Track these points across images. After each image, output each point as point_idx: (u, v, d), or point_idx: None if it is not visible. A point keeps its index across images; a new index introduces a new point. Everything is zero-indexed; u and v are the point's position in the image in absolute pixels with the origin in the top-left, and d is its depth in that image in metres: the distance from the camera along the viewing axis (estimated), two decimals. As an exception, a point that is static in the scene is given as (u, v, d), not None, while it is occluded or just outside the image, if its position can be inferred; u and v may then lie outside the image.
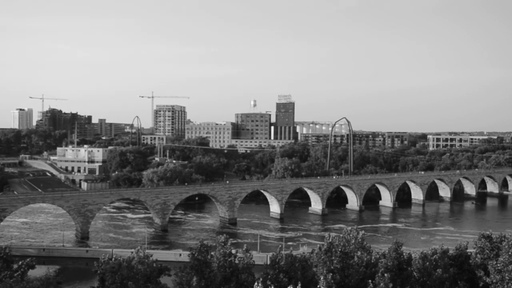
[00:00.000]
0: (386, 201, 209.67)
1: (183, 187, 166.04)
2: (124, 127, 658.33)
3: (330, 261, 53.72)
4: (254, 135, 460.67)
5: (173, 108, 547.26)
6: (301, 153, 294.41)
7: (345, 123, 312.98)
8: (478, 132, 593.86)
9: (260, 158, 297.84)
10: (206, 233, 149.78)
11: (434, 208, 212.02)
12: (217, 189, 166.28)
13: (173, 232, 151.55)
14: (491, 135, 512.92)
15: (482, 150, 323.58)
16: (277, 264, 52.39)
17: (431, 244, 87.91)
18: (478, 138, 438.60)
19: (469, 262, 58.82)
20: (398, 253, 56.60)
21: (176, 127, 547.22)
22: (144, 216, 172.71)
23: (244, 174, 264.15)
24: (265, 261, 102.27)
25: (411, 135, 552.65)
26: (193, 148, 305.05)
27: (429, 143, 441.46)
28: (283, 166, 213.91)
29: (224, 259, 50.35)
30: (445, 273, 54.39)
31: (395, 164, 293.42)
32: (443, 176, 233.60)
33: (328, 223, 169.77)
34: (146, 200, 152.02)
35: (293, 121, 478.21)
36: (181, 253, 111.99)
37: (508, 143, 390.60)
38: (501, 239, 59.67)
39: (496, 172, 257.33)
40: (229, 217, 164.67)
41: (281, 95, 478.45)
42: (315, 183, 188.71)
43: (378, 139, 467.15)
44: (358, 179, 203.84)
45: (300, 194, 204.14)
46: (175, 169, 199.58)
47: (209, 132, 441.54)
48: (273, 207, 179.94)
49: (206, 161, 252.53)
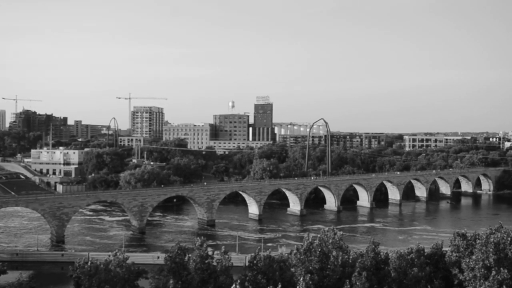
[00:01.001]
0: (363, 201, 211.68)
1: (161, 189, 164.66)
2: (100, 129, 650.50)
3: (309, 261, 53.88)
4: (232, 136, 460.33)
5: (151, 110, 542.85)
6: (280, 154, 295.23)
7: (323, 124, 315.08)
8: (453, 133, 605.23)
9: (238, 160, 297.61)
10: (185, 235, 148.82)
11: (410, 207, 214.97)
12: (195, 191, 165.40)
13: (151, 234, 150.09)
14: (465, 135, 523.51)
15: (457, 150, 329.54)
16: (256, 266, 52.28)
17: (408, 244, 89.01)
18: (452, 138, 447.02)
19: (444, 260, 59.72)
20: (375, 253, 57.14)
21: (154, 128, 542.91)
22: (122, 219, 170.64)
23: (222, 176, 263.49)
24: (244, 263, 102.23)
25: (388, 135, 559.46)
26: (171, 149, 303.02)
27: (405, 143, 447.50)
28: (262, 167, 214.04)
29: (201, 262, 50.00)
30: (421, 272, 55.10)
31: (372, 164, 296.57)
32: (419, 176, 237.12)
33: (307, 224, 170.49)
34: (123, 203, 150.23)
35: (271, 122, 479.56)
36: (159, 255, 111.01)
37: (481, 143, 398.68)
38: (475, 237, 60.77)
39: (470, 172, 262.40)
40: (208, 219, 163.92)
41: (259, 96, 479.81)
42: (293, 184, 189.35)
43: (355, 140, 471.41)
44: (336, 180, 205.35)
45: (279, 195, 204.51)
46: (152, 171, 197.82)
47: (187, 134, 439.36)
48: (252, 208, 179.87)
49: (184, 162, 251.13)
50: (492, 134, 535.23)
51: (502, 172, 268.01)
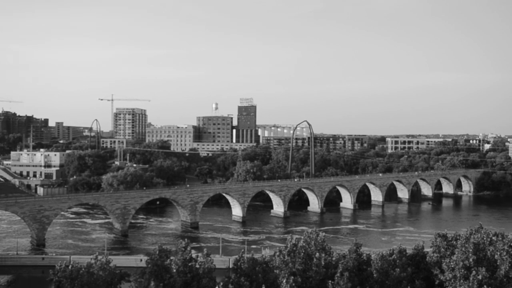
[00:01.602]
0: (346, 203, 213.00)
1: (143, 191, 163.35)
2: (82, 131, 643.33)
3: (292, 263, 53.98)
4: (216, 138, 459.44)
5: (134, 111, 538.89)
6: (263, 156, 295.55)
7: (306, 126, 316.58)
8: (434, 135, 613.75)
9: (222, 161, 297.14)
10: (168, 237, 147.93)
11: (393, 209, 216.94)
12: (179, 193, 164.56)
13: (134, 237, 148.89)
14: (446, 137, 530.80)
15: (438, 152, 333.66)
16: (239, 268, 52.20)
17: (391, 245, 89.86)
18: (434, 140, 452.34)
19: (426, 261, 60.37)
20: (358, 254, 57.50)
21: (137, 130, 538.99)
22: (104, 221, 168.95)
23: (206, 178, 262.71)
24: (227, 265, 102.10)
25: (371, 138, 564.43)
26: (154, 151, 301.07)
27: (387, 145, 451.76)
28: (245, 169, 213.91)
29: (184, 264, 49.72)
30: (403, 272, 55.61)
31: (355, 166, 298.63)
32: (401, 178, 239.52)
33: (290, 226, 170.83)
34: (105, 205, 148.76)
35: (255, 124, 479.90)
36: (141, 258, 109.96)
37: (461, 145, 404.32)
38: (456, 238, 61.57)
39: (451, 174, 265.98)
40: (191, 221, 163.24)
41: (243, 98, 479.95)
42: (277, 186, 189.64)
43: (338, 142, 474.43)
44: (319, 182, 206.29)
45: (262, 197, 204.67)
46: (135, 173, 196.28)
47: (170, 136, 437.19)
48: (235, 211, 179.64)
49: (167, 164, 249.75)
50: (472, 137, 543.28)
51: (482, 173, 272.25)
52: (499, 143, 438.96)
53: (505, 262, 52.30)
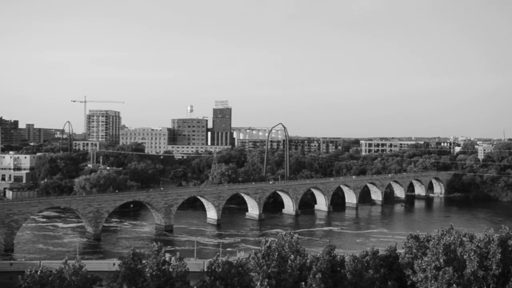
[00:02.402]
0: (321, 205, 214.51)
1: (117, 194, 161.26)
2: (54, 133, 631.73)
3: (267, 265, 53.97)
4: (191, 141, 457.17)
5: (107, 113, 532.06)
6: (238, 159, 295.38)
7: (282, 129, 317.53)
8: (407, 138, 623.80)
9: (197, 164, 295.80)
10: (142, 241, 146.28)
11: (367, 211, 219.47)
12: (153, 196, 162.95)
13: (107, 241, 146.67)
14: (418, 140, 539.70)
15: (411, 155, 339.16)
16: (214, 271, 51.93)
17: (366, 246, 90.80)
18: (406, 143, 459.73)
19: (398, 262, 61.20)
20: (332, 256, 57.84)
21: (110, 132, 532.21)
22: (77, 225, 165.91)
23: (180, 180, 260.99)
24: (202, 268, 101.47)
25: (345, 140, 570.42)
26: (128, 154, 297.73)
27: (361, 148, 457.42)
28: (220, 172, 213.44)
29: (157, 268, 49.18)
30: (376, 274, 56.22)
31: (330, 169, 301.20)
32: (375, 180, 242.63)
33: (265, 228, 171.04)
34: (77, 209, 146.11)
35: (230, 127, 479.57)
36: (114, 262, 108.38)
37: (433, 148, 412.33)
38: (427, 238, 62.64)
39: (423, 176, 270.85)
40: (165, 224, 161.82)
41: (218, 101, 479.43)
42: (252, 189, 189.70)
43: (313, 145, 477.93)
44: (294, 184, 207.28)
45: (237, 200, 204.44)
46: (109, 175, 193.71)
47: (145, 138, 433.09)
48: (210, 213, 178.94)
49: (141, 167, 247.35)
50: (443, 139, 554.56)
51: (453, 175, 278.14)
52: (469, 146, 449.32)
53: (473, 261, 53.52)
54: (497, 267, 54.04)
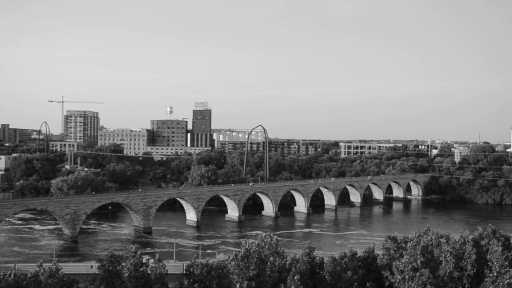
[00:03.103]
0: (300, 207, 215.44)
1: (95, 196, 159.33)
2: (30, 133, 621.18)
3: (246, 268, 53.93)
4: (170, 142, 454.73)
5: (85, 114, 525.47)
6: (218, 160, 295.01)
7: (261, 131, 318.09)
8: (385, 140, 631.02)
9: (176, 166, 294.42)
10: (120, 243, 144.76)
11: (346, 212, 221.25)
12: (132, 198, 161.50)
13: (84, 243, 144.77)
14: (396, 143, 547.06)
15: (389, 157, 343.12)
16: (192, 274, 51.68)
17: (345, 248, 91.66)
18: (385, 146, 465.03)
19: (376, 263, 61.86)
20: (311, 257, 58.14)
21: (88, 133, 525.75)
22: (54, 227, 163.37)
23: (160, 182, 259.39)
24: (181, 270, 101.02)
25: (324, 142, 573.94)
26: (106, 155, 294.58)
27: (341, 150, 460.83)
28: (200, 174, 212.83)
29: (135, 270, 48.77)
30: (355, 275, 56.71)
31: (309, 170, 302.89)
32: (354, 182, 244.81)
33: (245, 230, 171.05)
34: (54, 210, 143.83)
35: (209, 128, 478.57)
36: (92, 265, 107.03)
37: (411, 150, 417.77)
38: (405, 240, 63.50)
39: (401, 178, 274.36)
40: (144, 226, 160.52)
41: (198, 102, 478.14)
42: (231, 190, 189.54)
43: (293, 147, 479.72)
44: (274, 186, 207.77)
45: (217, 202, 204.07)
46: (87, 177, 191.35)
47: (124, 139, 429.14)
48: (190, 215, 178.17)
49: (120, 168, 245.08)
50: (421, 142, 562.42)
51: (430, 178, 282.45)
52: (446, 148, 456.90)
53: (449, 262, 54.49)
54: (472, 267, 55.11)
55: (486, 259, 56.24)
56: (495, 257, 54.43)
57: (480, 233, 62.46)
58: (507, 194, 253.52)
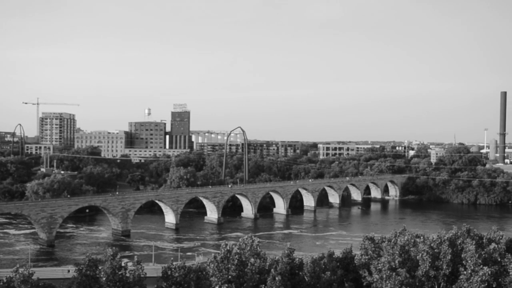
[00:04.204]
0: (280, 208, 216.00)
1: (72, 199, 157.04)
2: (4, 136, 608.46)
3: (226, 269, 53.89)
4: (149, 144, 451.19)
5: (61, 116, 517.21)
6: (197, 162, 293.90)
7: (240, 133, 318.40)
8: (363, 142, 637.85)
9: (155, 168, 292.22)
10: (98, 246, 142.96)
11: (324, 213, 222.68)
12: (110, 201, 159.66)
13: (61, 247, 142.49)
14: (374, 144, 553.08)
15: (367, 158, 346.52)
16: (170, 276, 51.43)
17: (325, 249, 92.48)
18: (363, 147, 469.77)
19: (354, 263, 62.54)
20: (291, 259, 58.44)
21: (65, 136, 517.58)
22: (30, 232, 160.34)
23: (138, 184, 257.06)
24: (160, 273, 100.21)
25: (303, 144, 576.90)
26: (83, 158, 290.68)
27: (319, 151, 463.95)
28: (179, 176, 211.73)
29: (113, 273, 48.30)
30: (334, 275, 57.21)
31: (288, 172, 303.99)
32: (333, 183, 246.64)
33: (225, 232, 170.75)
34: (30, 214, 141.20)
35: (188, 130, 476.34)
36: (69, 269, 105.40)
37: (388, 152, 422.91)
38: (382, 240, 64.37)
39: (379, 179, 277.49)
40: (123, 229, 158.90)
41: (177, 104, 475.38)
42: (210, 192, 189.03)
43: (272, 148, 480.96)
44: (253, 188, 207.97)
45: (196, 204, 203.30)
46: (63, 180, 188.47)
47: (101, 141, 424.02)
48: (169, 218, 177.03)
49: (97, 171, 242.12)
50: (398, 143, 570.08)
51: (407, 178, 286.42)
52: (423, 149, 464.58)
53: (425, 262, 55.48)
54: (447, 266, 56.19)
55: (461, 257, 57.43)
56: (469, 256, 55.66)
57: (456, 232, 63.75)
58: (481, 194, 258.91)
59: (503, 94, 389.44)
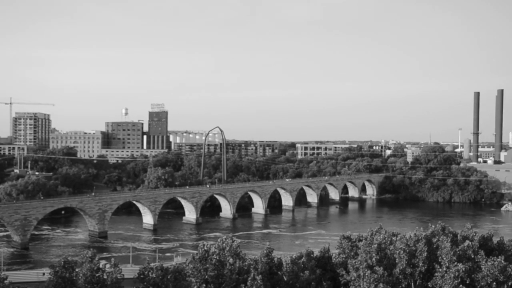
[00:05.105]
0: (258, 208, 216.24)
1: (47, 200, 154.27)
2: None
3: (204, 270, 53.66)
4: (126, 145, 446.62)
5: (36, 116, 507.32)
6: (175, 163, 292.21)
7: (219, 133, 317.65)
8: (341, 141, 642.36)
9: (132, 168, 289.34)
10: (74, 248, 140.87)
11: (303, 213, 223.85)
12: (86, 202, 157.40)
13: (36, 250, 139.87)
14: (352, 143, 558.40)
15: (345, 158, 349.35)
16: (147, 277, 50.96)
17: (304, 248, 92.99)
18: (341, 146, 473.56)
19: (332, 262, 62.97)
20: (270, 258, 58.53)
21: (39, 136, 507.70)
22: (4, 234, 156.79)
23: (115, 185, 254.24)
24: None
25: (282, 144, 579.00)
26: (58, 158, 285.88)
27: (297, 151, 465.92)
28: (156, 176, 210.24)
29: (91, 275, 47.62)
30: (312, 275, 57.47)
31: (267, 172, 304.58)
32: (311, 183, 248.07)
33: (203, 232, 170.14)
34: (2, 216, 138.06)
35: (166, 130, 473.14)
36: (44, 272, 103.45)
37: (366, 151, 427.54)
38: (359, 239, 65.02)
39: (356, 178, 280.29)
40: (100, 231, 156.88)
41: (154, 104, 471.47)
42: (188, 193, 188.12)
43: (250, 148, 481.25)
44: (232, 188, 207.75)
45: (174, 204, 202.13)
46: (38, 181, 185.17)
47: (77, 142, 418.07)
48: (146, 218, 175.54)
49: (73, 172, 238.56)
50: (375, 143, 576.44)
51: (384, 178, 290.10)
52: (399, 149, 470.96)
53: (402, 259, 56.28)
54: (423, 264, 57.08)
55: (436, 255, 58.39)
56: (444, 253, 56.67)
57: (433, 230, 64.80)
58: (456, 193, 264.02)
59: (476, 94, 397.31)
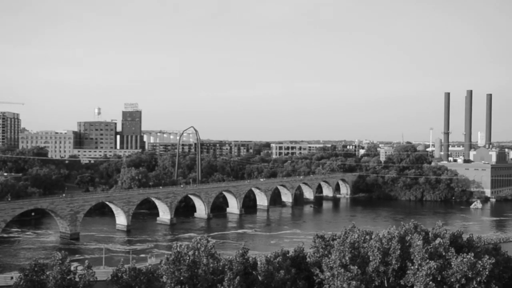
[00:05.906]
0: (233, 208, 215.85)
1: (16, 202, 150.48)
2: None
3: (178, 271, 53.22)
4: (99, 145, 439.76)
5: (4, 115, 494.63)
6: (149, 163, 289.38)
7: (193, 132, 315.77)
8: (315, 141, 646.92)
9: (105, 169, 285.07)
10: (45, 251, 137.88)
11: (278, 212, 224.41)
12: (57, 203, 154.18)
13: (5, 253, 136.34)
14: (326, 143, 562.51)
15: (319, 157, 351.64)
16: (120, 279, 50.27)
17: (279, 248, 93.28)
18: (315, 146, 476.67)
19: (306, 261, 63.24)
20: (245, 258, 58.44)
21: (8, 136, 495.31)
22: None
23: (87, 186, 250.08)
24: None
25: (256, 143, 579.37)
26: (28, 159, 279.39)
27: (272, 151, 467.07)
28: (130, 176, 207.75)
29: (62, 278, 46.66)
30: (287, 274, 57.59)
31: (242, 172, 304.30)
32: (285, 182, 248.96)
33: (178, 233, 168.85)
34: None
35: (140, 130, 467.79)
36: (13, 276, 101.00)
37: (340, 151, 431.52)
38: (333, 237, 65.50)
39: (331, 177, 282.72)
40: (71, 232, 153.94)
41: (128, 103, 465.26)
42: (163, 193, 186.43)
43: (225, 148, 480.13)
44: (206, 188, 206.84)
45: (148, 205, 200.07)
46: (6, 182, 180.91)
47: (48, 142, 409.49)
48: (120, 219, 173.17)
49: (44, 172, 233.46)
50: (349, 142, 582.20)
51: (358, 177, 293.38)
52: (372, 148, 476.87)
53: (376, 258, 56.94)
54: (396, 262, 57.87)
55: (409, 253, 59.28)
56: (417, 251, 57.57)
57: (406, 229, 65.77)
58: (427, 191, 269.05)
59: (447, 94, 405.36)
